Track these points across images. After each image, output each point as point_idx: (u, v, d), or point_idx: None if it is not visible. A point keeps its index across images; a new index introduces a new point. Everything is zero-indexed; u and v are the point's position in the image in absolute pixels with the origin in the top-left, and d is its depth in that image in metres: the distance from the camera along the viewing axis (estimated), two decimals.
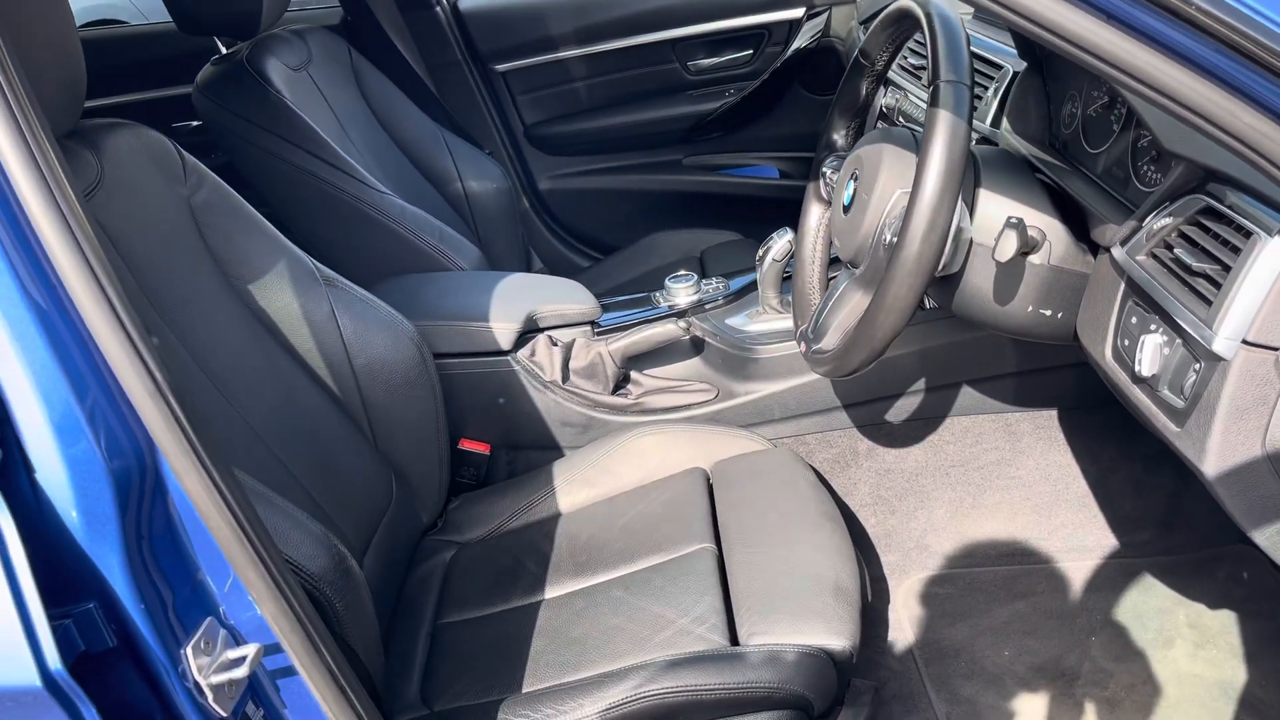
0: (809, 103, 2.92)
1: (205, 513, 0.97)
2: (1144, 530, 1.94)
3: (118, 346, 0.92)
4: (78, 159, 1.38)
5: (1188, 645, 1.76)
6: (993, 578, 1.94)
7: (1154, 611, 1.83)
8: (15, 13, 1.17)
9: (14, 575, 0.86)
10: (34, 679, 0.85)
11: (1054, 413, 1.99)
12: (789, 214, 1.92)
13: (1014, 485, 1.99)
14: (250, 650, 0.99)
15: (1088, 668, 1.74)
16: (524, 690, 1.41)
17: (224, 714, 0.98)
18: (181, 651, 0.95)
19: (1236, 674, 1.70)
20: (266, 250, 1.65)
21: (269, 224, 1.67)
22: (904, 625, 1.88)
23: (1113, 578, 1.90)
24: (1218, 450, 1.10)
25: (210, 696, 0.96)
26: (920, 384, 1.95)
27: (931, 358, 1.91)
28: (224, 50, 2.38)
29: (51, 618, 0.87)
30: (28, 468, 0.90)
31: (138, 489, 0.94)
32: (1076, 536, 1.96)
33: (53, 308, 0.91)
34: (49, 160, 0.91)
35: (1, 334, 0.88)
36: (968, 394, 1.97)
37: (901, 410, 1.98)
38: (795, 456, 1.79)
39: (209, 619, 0.99)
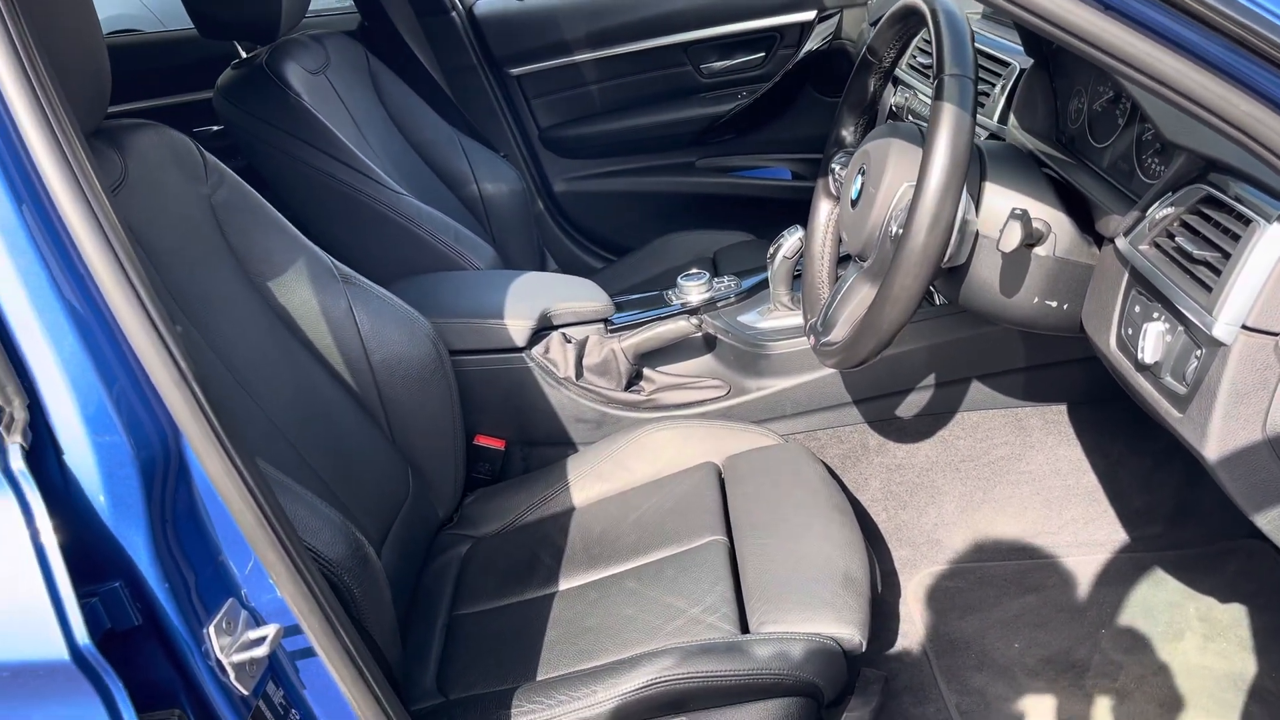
0: (821, 105, 2.94)
1: (227, 496, 0.99)
2: (1153, 524, 1.96)
3: (144, 335, 0.94)
4: (103, 157, 1.41)
5: (1197, 638, 1.77)
6: (1003, 572, 1.95)
7: (1164, 605, 1.84)
8: (41, 13, 1.20)
9: (43, 553, 0.88)
10: (62, 653, 0.88)
11: (1063, 408, 2.00)
12: (801, 215, 1.94)
13: (1024, 480, 2.01)
14: (270, 630, 1.01)
15: (1098, 660, 1.76)
16: (539, 678, 1.43)
17: (245, 692, 1.00)
18: (204, 631, 0.98)
19: (1246, 666, 1.71)
20: (285, 248, 1.68)
21: (288, 223, 1.71)
22: (914, 618, 1.90)
23: (1122, 572, 1.91)
24: (1219, 435, 1.11)
25: (232, 675, 0.99)
26: (930, 379, 1.97)
27: (941, 353, 1.93)
28: (244, 55, 2.42)
29: (79, 596, 0.89)
30: (57, 451, 0.93)
31: (162, 473, 0.97)
32: (1086, 531, 1.97)
33: (81, 297, 0.93)
34: (77, 155, 0.94)
35: (32, 323, 0.91)
36: (977, 389, 1.99)
37: (912, 405, 2.00)
38: (806, 451, 1.81)
39: (230, 600, 1.01)
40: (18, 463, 0.89)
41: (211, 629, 0.98)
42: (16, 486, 0.88)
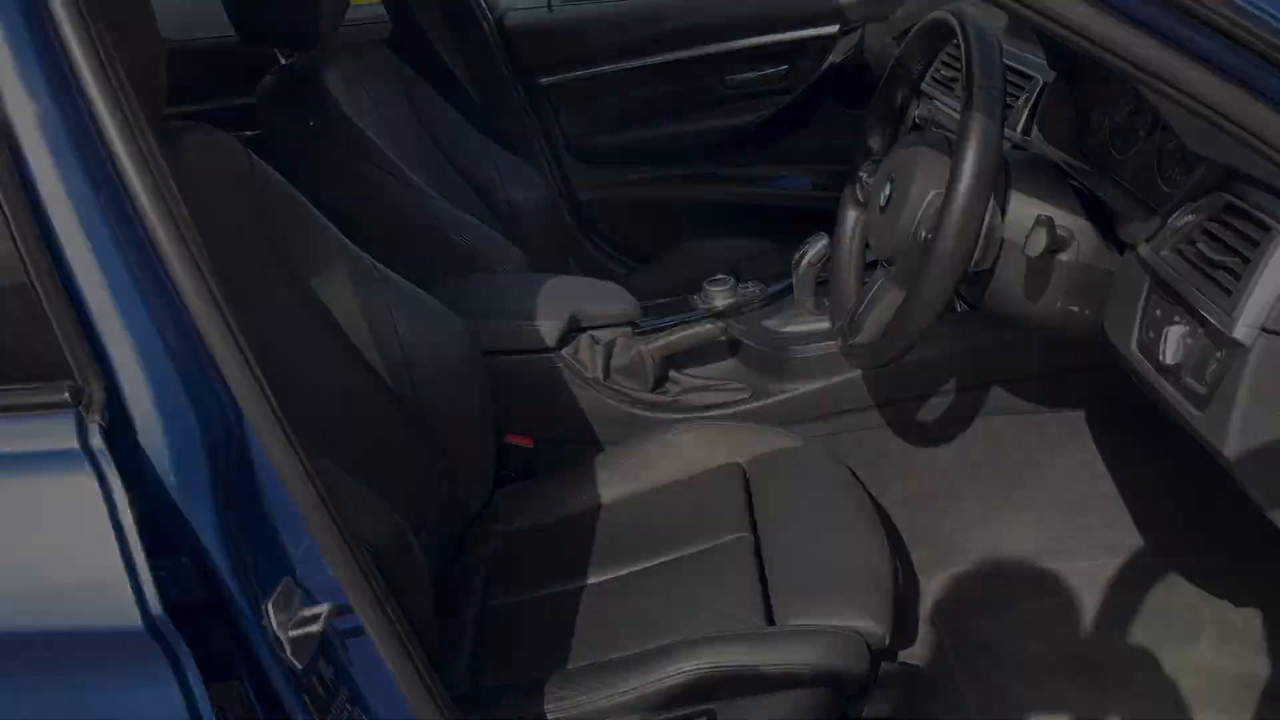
0: (842, 116, 2.97)
1: (286, 478, 1.03)
2: (1170, 530, 1.98)
3: (210, 320, 0.98)
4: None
5: (1212, 640, 1.80)
6: (1021, 574, 1.98)
7: (1179, 608, 1.87)
8: (109, 16, 1.26)
9: (121, 527, 0.93)
10: (137, 622, 0.92)
11: (1082, 414, 2.03)
12: (822, 223, 1.98)
13: (1042, 485, 2.03)
14: (324, 608, 1.05)
15: (1114, 660, 1.79)
16: (569, 667, 1.47)
17: (300, 666, 1.04)
18: (264, 606, 1.02)
19: (1260, 668, 1.74)
20: (327, 248, 1.73)
21: (330, 224, 1.75)
22: (935, 618, 1.93)
23: (1139, 575, 1.94)
24: (1238, 433, 1.15)
25: (289, 649, 1.02)
26: (951, 384, 2.00)
27: (962, 359, 1.96)
28: (283, 61, 2.47)
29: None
30: (131, 431, 0.97)
31: (225, 455, 1.01)
32: (1103, 535, 1.99)
33: (153, 283, 0.97)
34: (150, 146, 0.99)
35: (110, 307, 0.95)
36: (997, 394, 2.02)
37: (932, 410, 2.03)
38: (829, 453, 1.84)
39: (286, 578, 1.05)
40: (97, 440, 0.93)
41: (270, 605, 1.02)
42: (96, 463, 0.92)
